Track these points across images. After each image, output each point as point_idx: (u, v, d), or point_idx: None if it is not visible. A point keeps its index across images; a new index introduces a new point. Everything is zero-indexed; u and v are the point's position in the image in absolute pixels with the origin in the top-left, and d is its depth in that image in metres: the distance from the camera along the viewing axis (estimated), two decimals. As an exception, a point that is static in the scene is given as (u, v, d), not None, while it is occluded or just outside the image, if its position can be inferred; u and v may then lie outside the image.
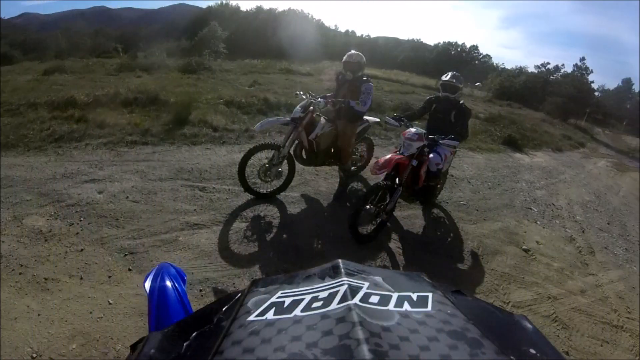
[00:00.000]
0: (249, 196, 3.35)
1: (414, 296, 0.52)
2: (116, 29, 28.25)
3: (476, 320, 0.48)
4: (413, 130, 3.07)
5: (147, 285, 0.90)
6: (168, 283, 0.89)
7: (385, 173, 2.91)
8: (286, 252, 2.72)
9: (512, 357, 0.42)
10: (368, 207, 2.90)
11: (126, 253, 2.46)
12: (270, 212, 3.22)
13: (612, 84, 56.39)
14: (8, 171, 3.37)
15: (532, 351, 0.49)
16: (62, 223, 2.70)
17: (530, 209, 4.48)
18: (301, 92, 3.52)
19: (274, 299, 0.52)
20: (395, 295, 0.51)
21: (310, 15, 35.01)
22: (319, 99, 3.33)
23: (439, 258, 3.04)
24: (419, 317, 0.46)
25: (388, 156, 2.97)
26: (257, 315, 0.48)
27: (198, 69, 10.77)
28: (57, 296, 2.05)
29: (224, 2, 32.72)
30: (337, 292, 0.50)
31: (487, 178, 5.26)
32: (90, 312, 1.97)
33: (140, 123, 4.90)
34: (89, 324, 1.91)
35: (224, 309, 0.56)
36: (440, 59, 33.22)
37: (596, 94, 28.97)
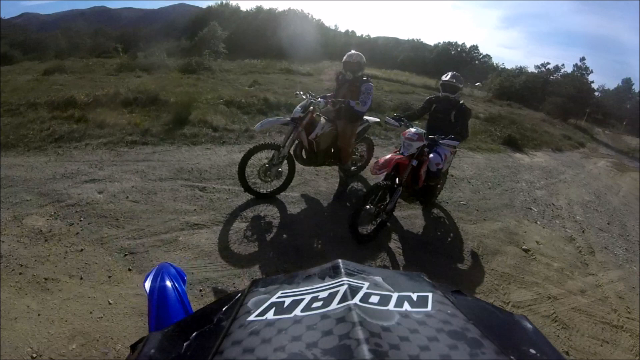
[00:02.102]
0: (249, 196, 3.35)
1: (414, 296, 0.52)
2: (116, 29, 28.17)
3: (476, 320, 0.48)
4: (413, 130, 3.07)
5: (147, 285, 0.90)
6: (168, 283, 0.89)
7: (385, 173, 2.91)
8: (286, 252, 2.72)
9: (512, 357, 0.42)
10: (368, 207, 2.90)
11: (126, 253, 2.46)
12: (270, 212, 3.22)
13: (612, 84, 56.51)
14: (8, 171, 3.37)
15: (532, 351, 0.49)
16: (62, 223, 2.70)
17: (530, 209, 4.48)
18: (301, 92, 3.52)
19: (274, 299, 0.52)
20: (395, 295, 0.51)
21: (310, 15, 34.97)
22: (319, 99, 3.33)
23: (439, 258, 3.04)
24: (419, 317, 0.46)
25: (388, 156, 2.97)
26: (257, 315, 0.48)
27: (198, 69, 10.77)
28: (57, 296, 2.05)
29: (224, 2, 32.75)
30: (337, 292, 0.50)
31: (487, 178, 5.26)
32: (90, 312, 1.97)
33: (140, 123, 4.90)
34: (89, 324, 1.91)
35: (224, 309, 0.56)
36: (440, 59, 33.22)
37: (596, 94, 28.97)
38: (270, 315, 0.48)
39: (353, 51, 3.50)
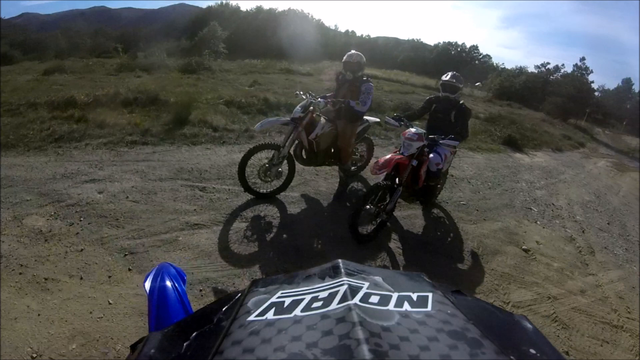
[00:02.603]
0: (249, 196, 3.34)
1: (414, 296, 0.52)
2: (116, 29, 28.15)
3: (476, 320, 0.48)
4: (413, 130, 3.07)
5: (147, 285, 0.90)
6: (168, 283, 0.89)
7: (385, 173, 2.91)
8: (286, 252, 2.72)
9: (512, 357, 0.42)
10: (368, 207, 2.90)
11: (126, 253, 2.46)
12: (270, 212, 3.22)
13: (612, 84, 56.55)
14: (8, 171, 3.36)
15: (532, 351, 0.49)
16: (62, 223, 2.70)
17: (530, 209, 4.48)
18: (301, 92, 3.52)
19: (274, 299, 0.52)
20: (395, 295, 0.51)
21: (310, 15, 34.96)
22: (319, 99, 3.33)
23: (439, 258, 3.04)
24: (419, 317, 0.46)
25: (388, 156, 2.97)
26: (257, 315, 0.48)
27: (198, 69, 10.77)
28: (57, 296, 2.05)
29: (224, 2, 32.75)
30: (337, 292, 0.50)
31: (487, 178, 5.25)
32: (90, 312, 1.97)
33: (140, 123, 4.90)
34: (89, 324, 1.91)
35: (224, 309, 0.56)
36: (440, 59, 33.22)
37: (596, 94, 28.96)
38: (270, 315, 0.48)
39: (353, 51, 3.50)
